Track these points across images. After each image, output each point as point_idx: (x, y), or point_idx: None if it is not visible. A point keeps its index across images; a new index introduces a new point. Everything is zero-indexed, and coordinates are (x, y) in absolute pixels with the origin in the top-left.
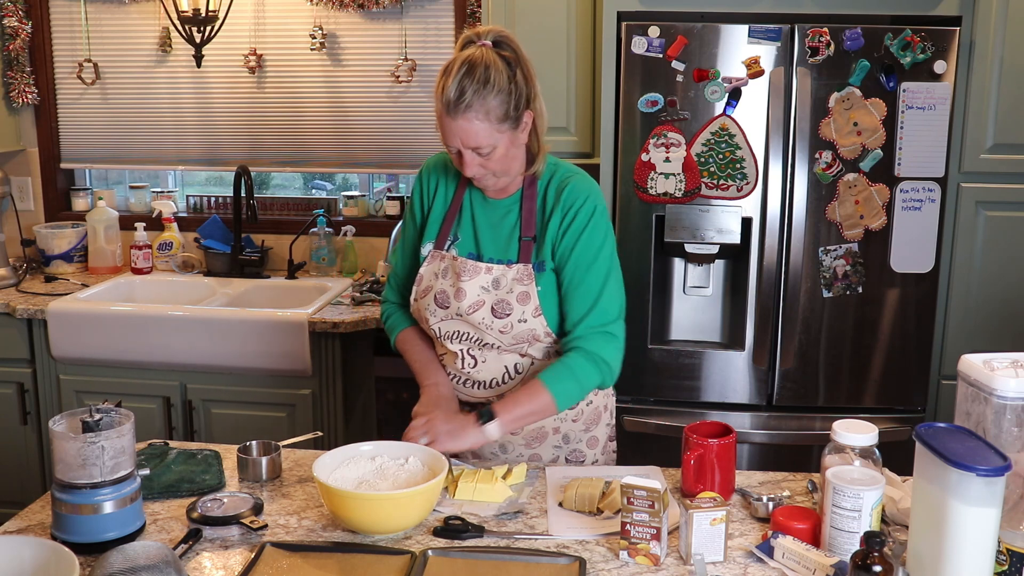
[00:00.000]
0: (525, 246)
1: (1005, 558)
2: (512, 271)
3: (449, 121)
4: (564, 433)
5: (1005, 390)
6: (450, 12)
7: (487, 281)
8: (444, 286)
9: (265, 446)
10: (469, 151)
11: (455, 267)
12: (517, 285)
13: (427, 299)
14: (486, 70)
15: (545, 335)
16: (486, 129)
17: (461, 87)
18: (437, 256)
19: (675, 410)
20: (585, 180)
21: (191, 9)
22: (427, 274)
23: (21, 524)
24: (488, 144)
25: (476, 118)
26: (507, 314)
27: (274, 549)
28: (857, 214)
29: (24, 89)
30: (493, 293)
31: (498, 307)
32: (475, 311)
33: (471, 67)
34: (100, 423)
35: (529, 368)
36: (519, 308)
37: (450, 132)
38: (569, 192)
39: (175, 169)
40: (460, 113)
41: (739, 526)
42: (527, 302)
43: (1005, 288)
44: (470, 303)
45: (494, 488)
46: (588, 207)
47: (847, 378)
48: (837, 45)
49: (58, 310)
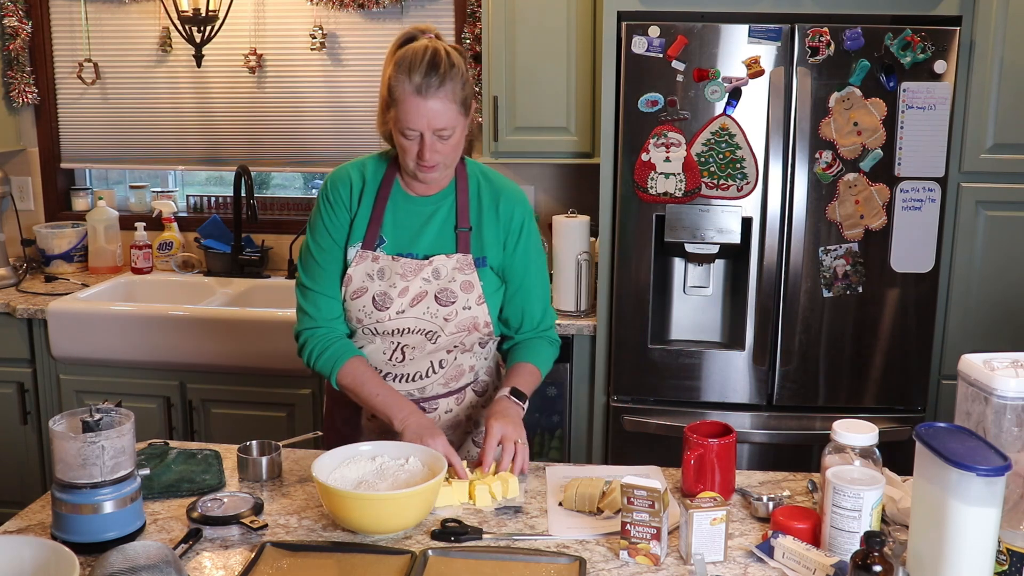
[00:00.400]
0: (463, 236)
1: (1005, 558)
2: (452, 261)
3: (419, 102)
4: (476, 420)
5: (1005, 390)
6: (450, 12)
7: (428, 273)
8: (383, 287)
9: (265, 446)
10: (432, 134)
11: (394, 267)
12: (459, 274)
13: (361, 301)
14: (449, 56)
15: (484, 325)
16: (452, 111)
17: (431, 69)
18: (367, 256)
19: (675, 410)
20: (518, 189)
21: (191, 9)
22: (358, 275)
23: (21, 524)
24: (451, 127)
25: (447, 98)
26: (451, 302)
27: (274, 549)
28: (857, 214)
29: (24, 89)
30: (435, 283)
31: (441, 295)
32: (419, 302)
33: (436, 52)
34: (100, 423)
35: (452, 363)
36: (463, 296)
37: (417, 115)
38: (507, 203)
39: (175, 169)
40: (431, 94)
41: (739, 526)
42: (471, 290)
43: (1005, 288)
44: (413, 296)
45: (508, 484)
46: (529, 216)
47: (847, 378)
48: (837, 45)
49: (58, 310)
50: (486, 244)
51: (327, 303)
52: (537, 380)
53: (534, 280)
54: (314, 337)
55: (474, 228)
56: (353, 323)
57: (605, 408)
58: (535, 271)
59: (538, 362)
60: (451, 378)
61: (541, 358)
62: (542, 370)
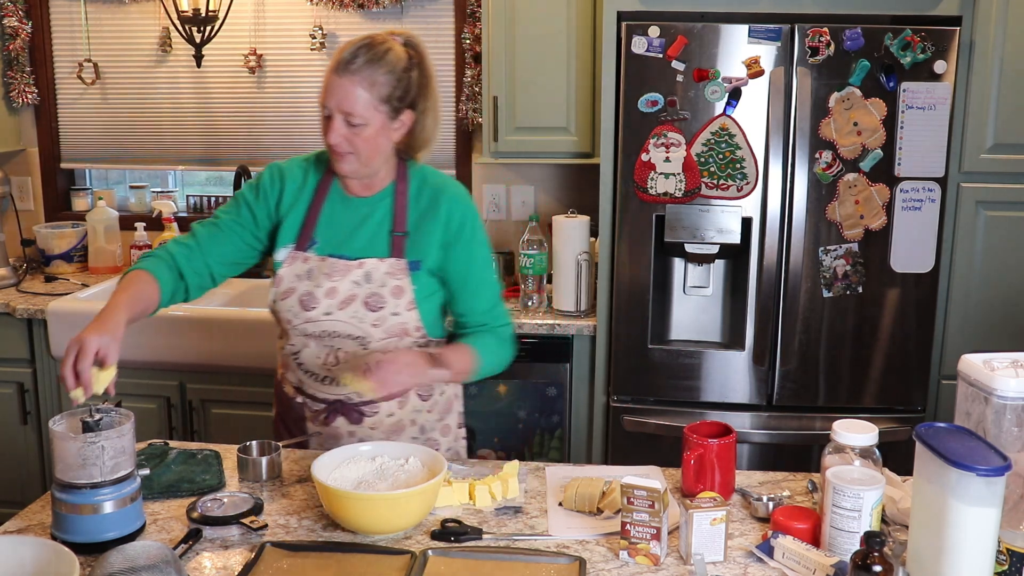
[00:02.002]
0: (397, 241)
1: (1005, 558)
2: (384, 265)
3: (334, 78)
4: (420, 424)
5: (1005, 390)
6: (450, 12)
7: (359, 276)
8: (309, 288)
9: (265, 446)
10: (340, 117)
11: (322, 267)
12: (390, 279)
13: (289, 301)
14: (385, 50)
15: (415, 330)
16: (366, 99)
17: (357, 52)
18: (298, 257)
19: (675, 410)
20: (459, 189)
21: (191, 9)
22: (287, 276)
23: (21, 524)
24: (361, 115)
25: (361, 83)
26: (380, 307)
27: (274, 549)
28: (857, 214)
29: (24, 89)
30: (365, 287)
31: (371, 300)
32: (347, 306)
33: (372, 41)
34: (100, 423)
35: None
36: (393, 301)
37: (331, 90)
38: (447, 204)
39: (175, 169)
40: (348, 73)
41: (739, 526)
42: (401, 296)
43: (1005, 288)
44: (342, 299)
45: (508, 484)
46: (471, 216)
47: (847, 378)
48: (837, 45)
49: (58, 310)
50: (423, 247)
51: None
52: (467, 358)
53: (478, 278)
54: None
55: (411, 232)
56: (284, 324)
57: (605, 408)
58: (478, 269)
59: (477, 345)
60: None
61: (482, 343)
62: (481, 353)
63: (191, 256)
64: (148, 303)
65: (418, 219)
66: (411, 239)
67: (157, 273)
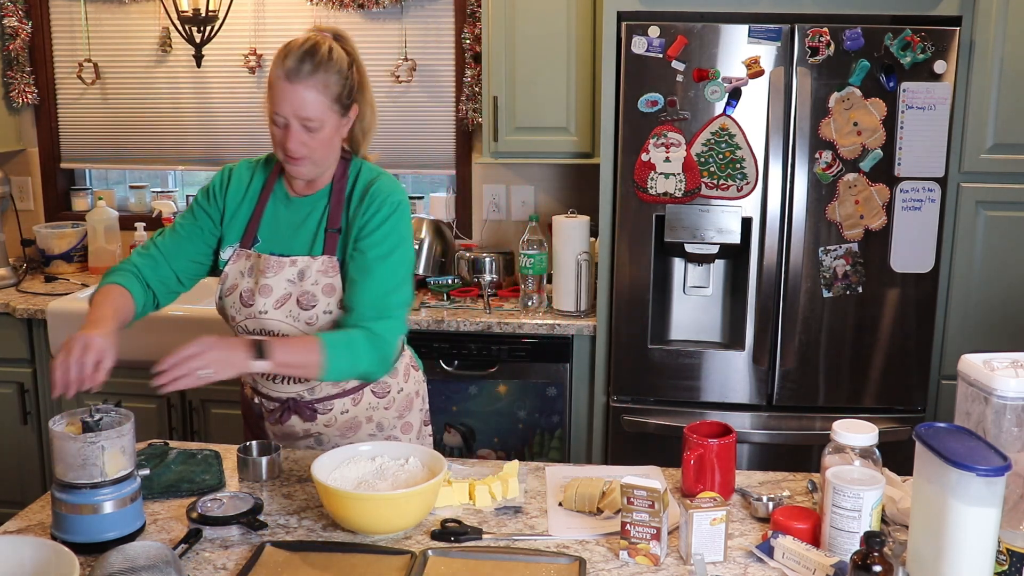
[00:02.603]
0: (331, 237)
1: (1005, 558)
2: (317, 263)
3: (287, 86)
4: (377, 421)
5: (1005, 390)
6: (450, 12)
7: (292, 274)
8: (249, 284)
9: (265, 446)
10: (297, 123)
11: (259, 264)
12: (322, 277)
13: (231, 298)
14: (330, 50)
15: None
16: (321, 103)
17: (305, 57)
18: (242, 255)
19: (675, 410)
20: (390, 180)
21: (191, 9)
22: (232, 272)
23: (21, 524)
24: (318, 119)
25: (315, 88)
26: (312, 306)
27: (274, 549)
28: (857, 214)
29: (24, 89)
30: (299, 285)
31: (303, 299)
32: (281, 305)
33: (316, 44)
34: (100, 423)
35: None
36: (324, 299)
37: (284, 99)
38: (375, 190)
39: (175, 169)
40: (300, 80)
41: (739, 526)
42: (332, 294)
43: (1005, 288)
44: (276, 298)
45: (508, 484)
46: (390, 204)
47: (847, 378)
48: (837, 45)
49: (58, 310)
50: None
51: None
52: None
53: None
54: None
55: (343, 228)
56: (229, 322)
57: (605, 408)
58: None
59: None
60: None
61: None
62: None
63: (156, 267)
64: (127, 315)
65: (352, 215)
66: (342, 234)
67: (129, 287)
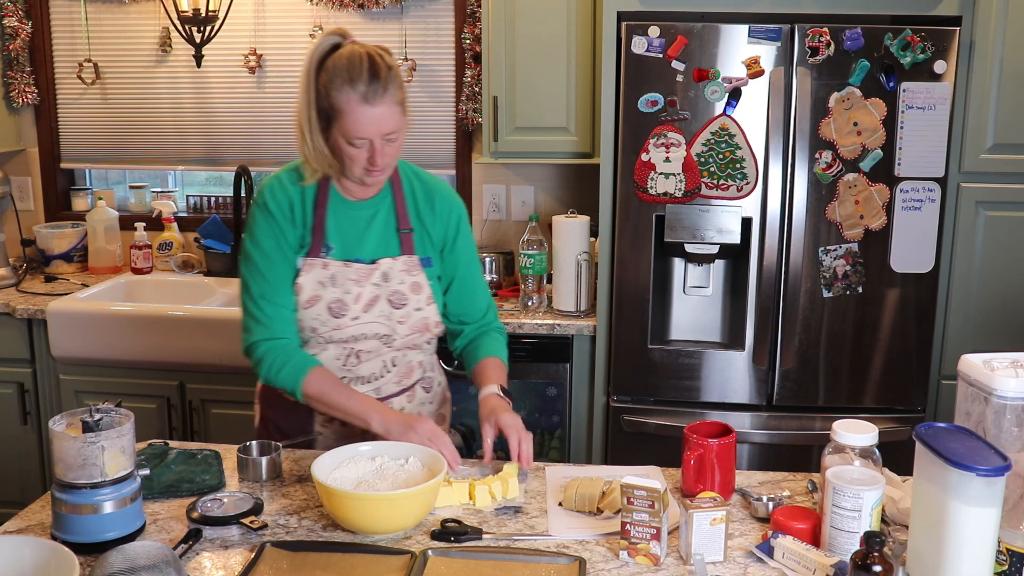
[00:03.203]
0: (406, 238)
1: (1005, 558)
2: (399, 263)
3: (367, 110)
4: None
5: (1005, 390)
6: (450, 12)
7: (377, 277)
8: (338, 294)
9: (265, 446)
10: (380, 140)
11: (346, 273)
12: (407, 276)
13: (315, 309)
14: (383, 59)
15: (435, 325)
16: (396, 113)
17: (373, 77)
18: (316, 264)
19: (675, 410)
20: (447, 186)
21: (191, 9)
22: (309, 283)
23: (21, 524)
24: (396, 130)
25: (390, 102)
26: (403, 304)
27: (274, 549)
28: (857, 214)
29: (24, 89)
30: (385, 286)
31: (394, 298)
32: (372, 307)
33: (371, 58)
34: (100, 423)
35: (403, 360)
36: (414, 297)
37: (368, 123)
38: (442, 202)
39: (175, 169)
40: (379, 99)
41: (739, 526)
42: (420, 291)
43: (1005, 288)
44: (366, 302)
45: (508, 484)
46: (463, 214)
47: (847, 378)
48: (837, 45)
49: (58, 310)
50: (427, 244)
51: (278, 312)
52: (506, 373)
53: (475, 275)
54: (272, 351)
55: (415, 228)
56: (307, 332)
57: (605, 408)
58: (475, 267)
59: (502, 355)
60: (403, 375)
61: (500, 350)
62: (505, 362)
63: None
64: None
65: (417, 216)
66: (416, 235)
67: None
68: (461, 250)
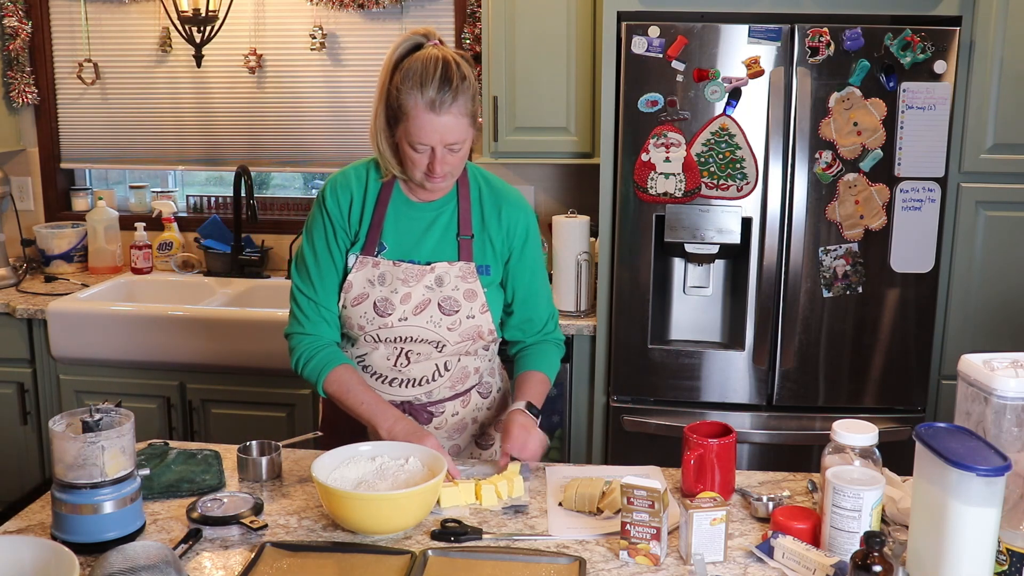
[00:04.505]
0: (465, 244)
1: (1005, 558)
2: (455, 268)
3: (432, 118)
4: (481, 422)
5: (1005, 390)
6: (450, 12)
7: (431, 280)
8: (384, 293)
9: (265, 446)
10: (443, 148)
11: (395, 273)
12: (462, 283)
13: (362, 307)
14: (459, 68)
15: (488, 333)
16: (464, 124)
17: (444, 84)
18: (368, 262)
19: (675, 410)
20: (519, 196)
21: (191, 9)
22: (358, 281)
23: (21, 524)
24: (462, 140)
25: (458, 113)
26: (455, 311)
27: (274, 549)
28: (857, 214)
29: (24, 89)
30: (438, 291)
31: (445, 304)
32: (422, 311)
33: (447, 65)
34: (100, 423)
35: (457, 365)
36: (467, 305)
37: (432, 130)
38: (509, 210)
39: (175, 169)
40: (446, 109)
41: (739, 526)
42: (474, 299)
43: (1005, 288)
44: (415, 304)
45: (514, 483)
46: (532, 222)
47: (847, 378)
48: (837, 45)
49: (58, 310)
50: (488, 252)
51: (318, 310)
52: (547, 388)
53: (539, 285)
54: (302, 344)
55: (476, 235)
56: (355, 330)
57: (605, 408)
58: (540, 276)
59: (547, 369)
60: (457, 380)
61: (549, 363)
62: (551, 376)
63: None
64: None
65: (482, 223)
66: (476, 241)
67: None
68: (527, 260)
